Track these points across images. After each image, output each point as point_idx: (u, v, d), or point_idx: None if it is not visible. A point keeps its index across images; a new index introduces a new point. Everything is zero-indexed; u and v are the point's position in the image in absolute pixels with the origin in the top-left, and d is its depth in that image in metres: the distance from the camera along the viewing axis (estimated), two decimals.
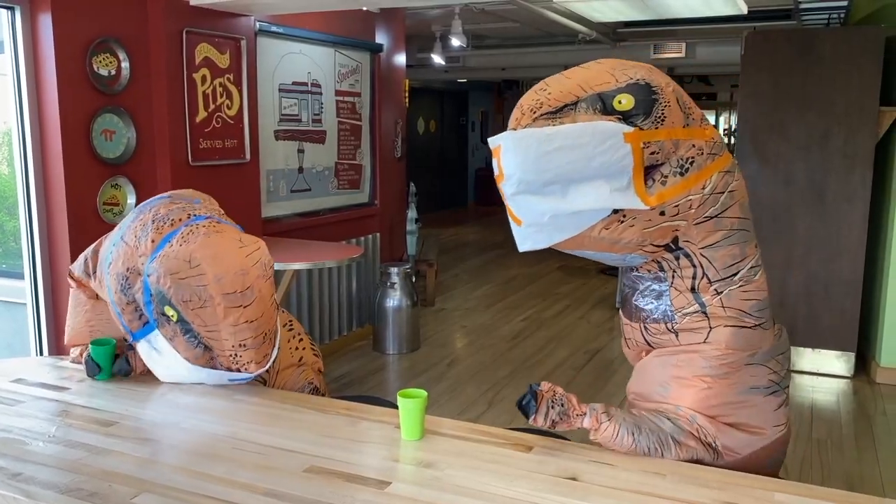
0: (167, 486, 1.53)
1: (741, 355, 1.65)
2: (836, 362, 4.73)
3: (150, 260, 1.91)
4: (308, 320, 4.90)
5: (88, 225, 3.40)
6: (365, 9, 5.21)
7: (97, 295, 2.22)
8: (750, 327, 1.65)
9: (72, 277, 2.28)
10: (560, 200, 1.56)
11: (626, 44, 8.63)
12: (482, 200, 14.89)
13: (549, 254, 9.16)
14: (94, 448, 1.71)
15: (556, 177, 1.55)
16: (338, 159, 5.20)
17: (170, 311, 1.90)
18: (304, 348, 2.37)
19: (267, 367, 2.00)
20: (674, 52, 8.46)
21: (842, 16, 5.46)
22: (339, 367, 4.84)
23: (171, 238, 1.92)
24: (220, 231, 1.96)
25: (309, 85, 4.86)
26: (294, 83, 4.74)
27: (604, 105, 1.57)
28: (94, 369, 2.14)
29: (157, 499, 1.48)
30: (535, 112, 1.57)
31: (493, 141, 1.61)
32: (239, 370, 1.97)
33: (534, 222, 1.61)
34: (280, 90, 4.62)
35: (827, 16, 5.44)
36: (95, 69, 3.38)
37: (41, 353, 3.41)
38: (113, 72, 3.48)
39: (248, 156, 4.22)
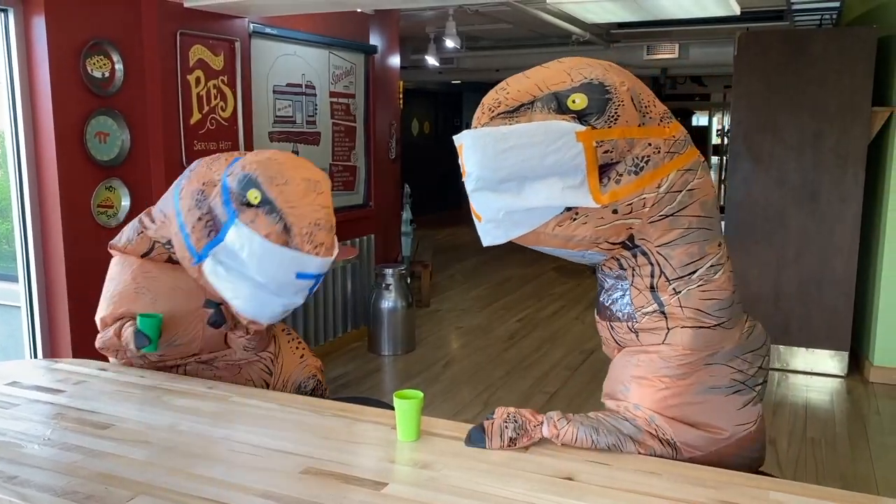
0: (163, 489, 1.53)
1: (700, 355, 1.65)
2: (830, 361, 4.75)
3: (228, 167, 2.11)
4: (303, 322, 4.89)
5: (82, 227, 3.40)
6: (359, 10, 5.21)
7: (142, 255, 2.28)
8: (709, 327, 1.65)
9: (114, 249, 2.33)
10: (515, 197, 1.60)
11: (619, 45, 8.65)
12: None
13: (543, 255, 9.16)
14: (90, 451, 1.71)
15: (511, 174, 1.58)
16: (332, 161, 5.20)
17: (253, 194, 2.00)
18: (304, 349, 2.50)
19: (334, 255, 2.03)
20: (667, 52, 8.49)
21: (834, 17, 5.49)
22: (334, 369, 4.84)
23: (241, 158, 2.13)
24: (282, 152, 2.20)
25: (303, 86, 4.86)
26: (288, 85, 4.74)
27: (559, 104, 1.59)
28: (142, 341, 2.11)
29: (153, 501, 1.48)
30: (493, 111, 1.61)
31: (456, 139, 1.65)
32: (313, 252, 1.98)
33: (491, 218, 1.65)
34: (274, 92, 4.62)
35: (819, 17, 5.46)
36: (89, 71, 3.38)
37: (35, 356, 3.41)
38: (107, 74, 3.48)
39: None
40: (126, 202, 3.59)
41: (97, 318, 2.30)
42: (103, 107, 3.46)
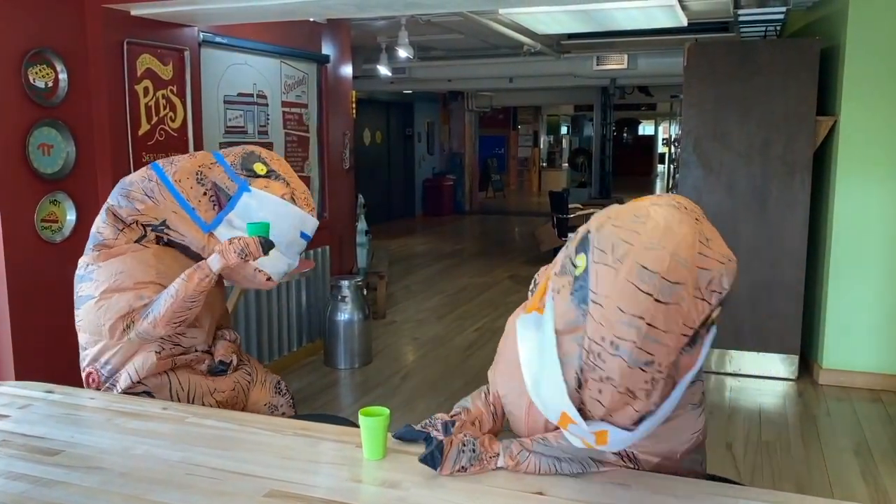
0: None
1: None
2: (781, 365, 4.86)
3: (216, 154, 2.40)
4: (257, 336, 4.79)
5: (25, 243, 3.26)
6: (311, 20, 5.16)
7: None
8: None
9: (106, 247, 2.29)
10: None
11: (569, 55, 8.76)
12: (430, 211, 14.89)
13: (498, 262, 9.21)
14: (38, 479, 1.62)
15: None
16: None
17: (259, 167, 2.35)
18: (262, 370, 2.65)
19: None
20: (616, 63, 8.63)
21: (777, 28, 5.64)
22: (290, 384, 4.71)
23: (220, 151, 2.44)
24: None
25: (255, 96, 4.78)
26: (239, 94, 4.65)
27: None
28: (268, 244, 2.23)
29: None
30: (655, 381, 1.35)
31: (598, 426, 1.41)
32: (311, 213, 2.37)
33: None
34: (225, 102, 4.53)
35: (764, 28, 5.61)
36: (31, 81, 3.25)
37: None
38: (50, 83, 3.35)
39: None
40: (72, 216, 3.47)
41: (107, 327, 2.20)
42: (47, 118, 3.33)
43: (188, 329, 2.31)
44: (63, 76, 3.40)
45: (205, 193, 2.31)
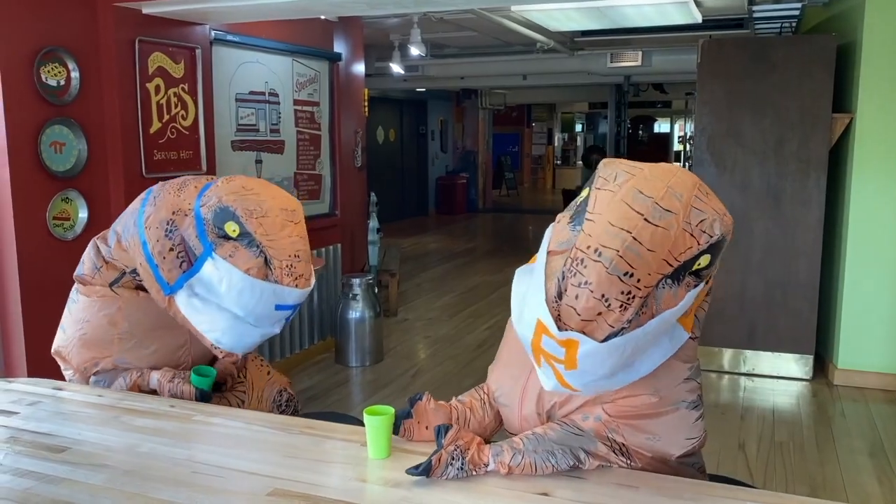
0: None
1: (682, 367, 1.61)
2: (795, 365, 4.81)
3: (198, 198, 2.02)
4: None
5: (37, 240, 3.28)
6: (323, 17, 5.16)
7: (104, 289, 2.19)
8: (695, 338, 1.62)
9: (83, 282, 2.23)
10: (625, 375, 1.51)
11: (583, 53, 8.71)
12: (443, 209, 14.88)
13: (511, 261, 9.17)
14: (45, 476, 1.63)
15: (623, 366, 1.48)
16: (297, 169, 5.12)
17: (231, 227, 1.94)
18: (268, 366, 2.49)
19: (312, 286, 2.01)
20: (630, 60, 8.58)
21: (793, 25, 5.58)
22: (301, 382, 4.75)
23: (211, 185, 2.03)
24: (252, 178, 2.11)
25: (266, 94, 4.79)
26: (251, 93, 4.66)
27: (681, 272, 1.43)
28: (205, 397, 2.13)
29: None
30: (626, 305, 1.36)
31: (570, 335, 1.39)
32: (293, 284, 1.96)
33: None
34: (237, 100, 4.54)
35: (779, 25, 5.55)
36: (43, 79, 3.27)
37: None
38: (62, 82, 3.37)
39: (204, 167, 4.13)
40: (83, 214, 3.49)
41: (56, 351, 2.24)
42: (59, 116, 3.35)
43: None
44: (75, 74, 3.41)
45: (171, 249, 2.02)
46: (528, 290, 1.45)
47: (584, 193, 1.48)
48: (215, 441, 1.83)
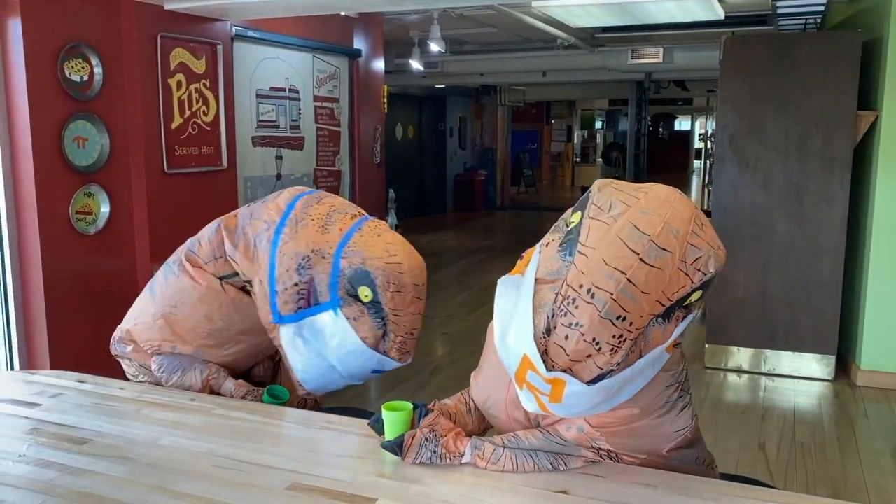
0: None
1: (665, 376, 1.56)
2: (817, 365, 4.75)
3: (341, 246, 1.97)
4: None
5: (60, 234, 3.32)
6: (343, 14, 5.16)
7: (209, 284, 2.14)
8: (677, 345, 1.57)
9: (194, 263, 2.17)
10: (611, 400, 1.48)
11: (603, 49, 8.66)
12: (461, 206, 14.87)
13: None
14: (67, 467, 1.65)
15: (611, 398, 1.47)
16: (316, 166, 5.14)
17: (364, 292, 1.92)
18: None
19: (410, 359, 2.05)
20: (652, 57, 8.51)
21: (818, 21, 5.52)
22: None
23: (356, 230, 2.00)
24: (393, 233, 2.07)
25: (287, 90, 4.81)
26: (272, 89, 4.68)
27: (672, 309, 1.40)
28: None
29: None
30: (616, 348, 1.34)
31: (558, 375, 1.37)
32: (399, 359, 2.00)
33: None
34: (257, 96, 4.56)
35: (804, 21, 5.49)
36: (67, 75, 3.30)
37: (11, 368, 3.32)
38: (85, 77, 3.40)
39: (225, 163, 4.16)
40: (105, 208, 3.52)
41: (127, 327, 2.22)
42: (82, 111, 3.38)
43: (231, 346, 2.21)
44: (98, 70, 3.44)
45: (296, 284, 1.99)
46: (514, 316, 1.41)
47: (574, 218, 1.43)
48: (235, 434, 1.84)
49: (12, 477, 1.60)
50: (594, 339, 1.31)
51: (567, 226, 1.44)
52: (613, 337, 1.31)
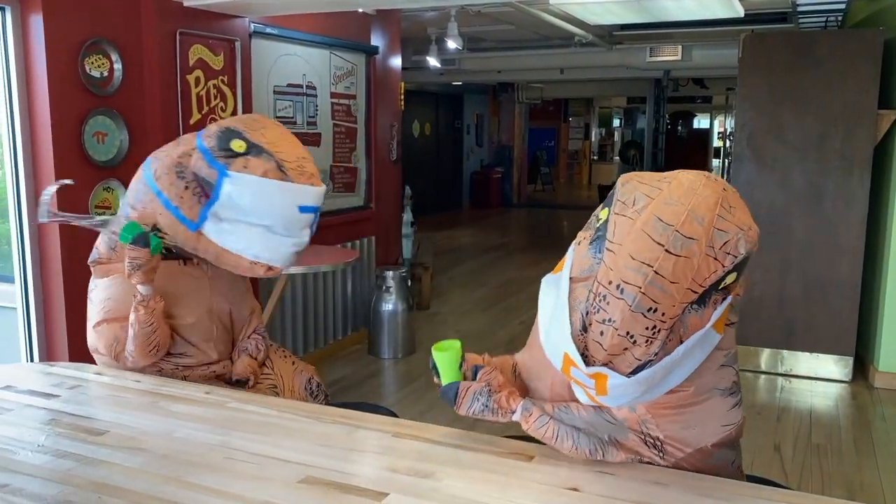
0: (158, 498, 1.49)
1: (719, 354, 1.57)
2: (834, 367, 4.71)
3: (198, 135, 2.15)
4: (303, 324, 4.85)
5: (80, 228, 3.35)
6: (360, 10, 5.18)
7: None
8: (731, 324, 1.58)
9: (99, 263, 2.26)
10: (659, 387, 1.49)
11: (621, 47, 8.62)
12: (477, 203, 14.87)
13: (545, 256, 9.13)
14: (84, 458, 1.67)
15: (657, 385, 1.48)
16: (333, 162, 5.16)
17: (237, 144, 2.06)
18: (293, 357, 2.57)
19: (324, 186, 2.14)
20: (670, 54, 8.46)
21: (839, 18, 5.46)
22: (333, 372, 4.79)
23: (204, 129, 2.17)
24: None
25: (304, 87, 4.83)
26: (289, 85, 4.70)
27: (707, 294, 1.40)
28: (142, 239, 2.08)
29: None
30: (651, 339, 1.36)
31: (599, 370, 1.40)
32: (307, 182, 2.07)
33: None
34: (275, 92, 4.58)
35: (824, 18, 5.43)
36: (87, 70, 3.34)
37: (31, 360, 3.37)
38: (105, 73, 3.44)
39: None
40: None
41: (92, 348, 2.27)
42: (102, 106, 3.42)
43: (187, 347, 2.26)
44: (118, 66, 3.48)
45: (186, 187, 2.10)
46: (553, 316, 1.46)
47: (602, 214, 1.45)
48: (249, 428, 1.85)
49: (30, 466, 1.63)
50: (628, 333, 1.34)
51: (597, 220, 1.47)
52: (647, 329, 1.34)
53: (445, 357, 1.75)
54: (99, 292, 2.25)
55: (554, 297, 1.49)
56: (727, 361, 1.59)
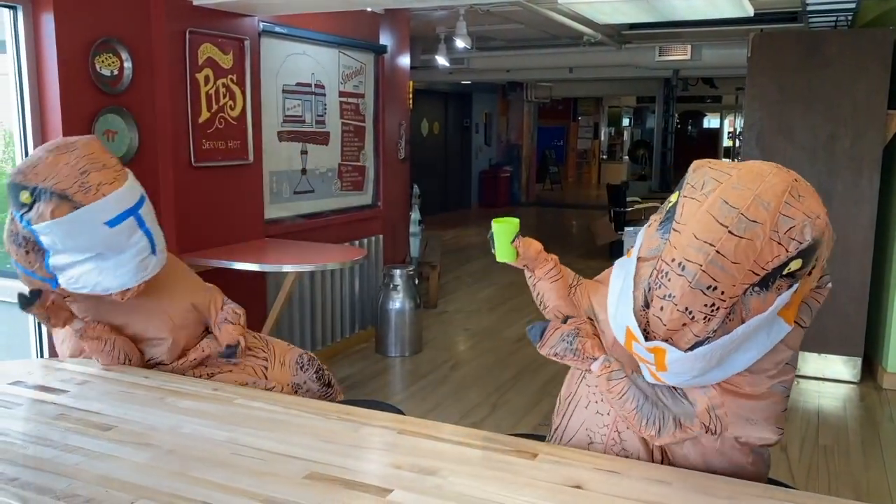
0: (165, 492, 1.50)
1: (786, 351, 1.58)
2: (843, 367, 4.69)
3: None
4: (310, 322, 4.87)
5: None
6: (369, 10, 5.19)
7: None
8: (804, 326, 1.60)
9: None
10: (718, 371, 1.52)
11: (630, 46, 8.60)
12: (485, 202, 14.86)
13: (553, 255, 9.10)
14: (92, 452, 1.69)
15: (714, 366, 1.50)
16: (341, 161, 5.18)
17: (24, 195, 2.03)
18: (289, 343, 2.61)
19: (122, 185, 2.09)
20: (679, 54, 8.43)
21: (849, 18, 5.43)
22: (340, 370, 4.81)
23: None
24: None
25: (312, 86, 4.84)
26: (298, 84, 4.72)
27: (770, 279, 1.41)
28: (23, 299, 2.16)
29: None
30: (709, 316, 1.39)
31: (656, 344, 1.45)
32: (94, 198, 2.03)
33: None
34: (283, 91, 4.60)
35: (834, 18, 5.41)
36: (98, 69, 3.36)
37: (41, 355, 3.39)
38: (115, 72, 3.46)
39: (251, 157, 4.20)
40: None
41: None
42: (112, 105, 3.44)
43: (179, 351, 2.35)
44: (128, 65, 3.50)
45: (27, 252, 2.12)
46: (621, 293, 1.51)
47: (673, 198, 1.49)
48: (255, 424, 1.87)
49: (39, 460, 1.64)
50: (687, 309, 1.38)
51: (668, 206, 1.51)
52: (706, 306, 1.37)
53: (502, 229, 1.86)
54: (58, 342, 2.40)
55: (621, 280, 1.54)
56: (791, 361, 1.60)
